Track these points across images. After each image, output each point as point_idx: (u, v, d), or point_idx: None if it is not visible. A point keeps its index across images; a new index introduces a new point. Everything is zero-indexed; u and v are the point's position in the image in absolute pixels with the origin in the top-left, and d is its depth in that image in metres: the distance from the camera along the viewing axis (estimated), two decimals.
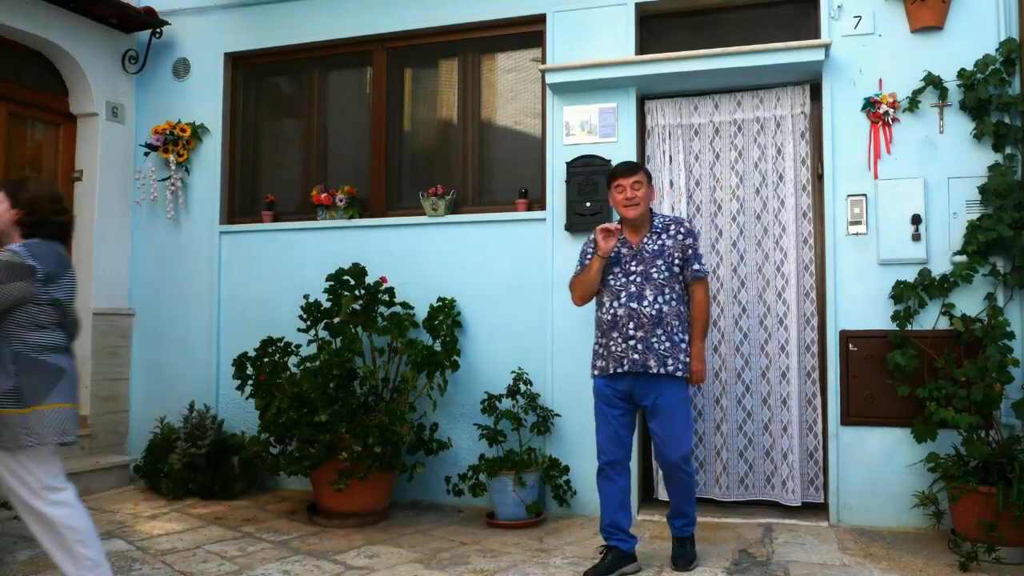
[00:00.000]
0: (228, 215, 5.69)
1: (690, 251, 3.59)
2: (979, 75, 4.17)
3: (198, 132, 5.68)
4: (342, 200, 5.31)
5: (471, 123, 5.27)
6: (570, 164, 4.75)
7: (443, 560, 3.81)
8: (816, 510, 4.47)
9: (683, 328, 3.55)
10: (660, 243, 3.58)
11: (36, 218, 2.96)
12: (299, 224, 5.44)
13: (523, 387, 4.66)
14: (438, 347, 4.72)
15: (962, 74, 4.20)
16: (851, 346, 4.35)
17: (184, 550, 3.96)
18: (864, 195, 4.37)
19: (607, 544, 3.58)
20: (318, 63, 5.65)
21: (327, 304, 4.80)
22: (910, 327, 4.23)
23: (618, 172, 3.63)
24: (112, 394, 5.62)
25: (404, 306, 4.92)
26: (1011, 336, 3.99)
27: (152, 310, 5.75)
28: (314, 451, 4.31)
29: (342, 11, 5.41)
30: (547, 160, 4.91)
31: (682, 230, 3.61)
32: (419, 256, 5.11)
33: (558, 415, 4.70)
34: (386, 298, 4.86)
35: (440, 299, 4.92)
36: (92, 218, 5.55)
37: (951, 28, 4.31)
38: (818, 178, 4.56)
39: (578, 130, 4.83)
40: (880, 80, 4.40)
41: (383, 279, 4.87)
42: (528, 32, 5.11)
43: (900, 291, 4.22)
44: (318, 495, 4.55)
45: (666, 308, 3.50)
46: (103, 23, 5.59)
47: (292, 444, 4.49)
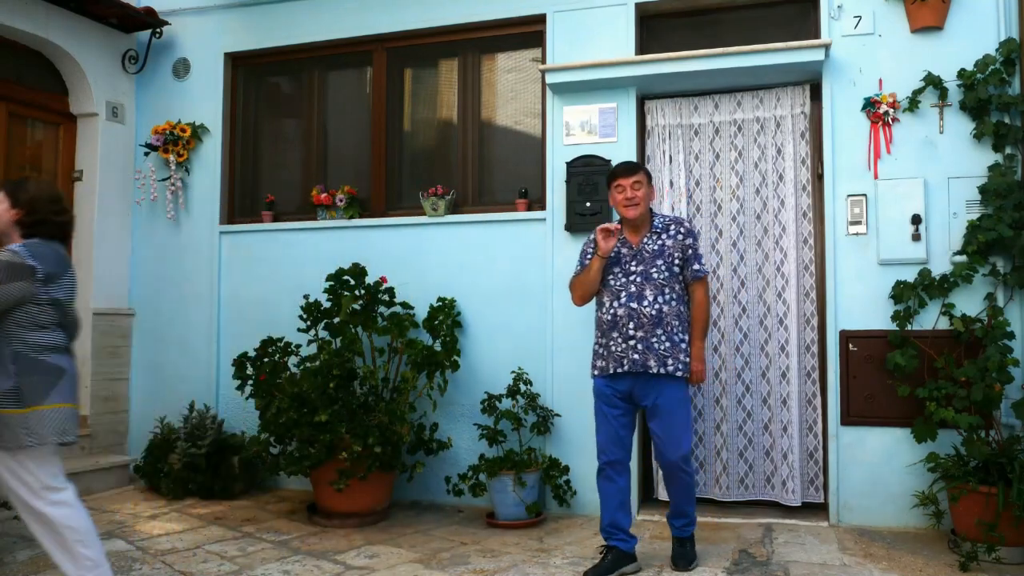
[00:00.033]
0: (228, 215, 5.69)
1: (690, 251, 3.59)
2: (979, 75, 4.17)
3: (198, 132, 5.68)
4: (342, 200, 5.31)
5: (471, 123, 5.27)
6: (570, 164, 4.75)
7: (443, 560, 3.81)
8: (816, 510, 4.47)
9: (683, 328, 3.55)
10: (660, 243, 3.58)
11: (36, 218, 2.96)
12: (299, 224, 5.44)
13: (523, 387, 4.66)
14: (438, 347, 4.72)
15: (962, 74, 4.20)
16: (851, 346, 4.35)
17: (184, 550, 3.96)
18: (864, 195, 4.37)
19: (607, 544, 3.58)
20: (318, 63, 5.65)
21: (327, 304, 4.80)
22: (910, 327, 4.23)
23: (618, 172, 3.63)
24: (112, 394, 5.62)
25: (404, 306, 4.92)
26: (1011, 336, 3.99)
27: (152, 310, 5.76)
28: (314, 451, 4.31)
29: (342, 11, 5.41)
30: (547, 160, 4.91)
31: (682, 230, 3.61)
32: (419, 256, 5.11)
33: (558, 415, 4.70)
34: (386, 298, 4.86)
35: (440, 299, 4.92)
36: (92, 218, 5.55)
37: (951, 28, 4.31)
38: (818, 178, 4.56)
39: (578, 130, 4.83)
40: (880, 80, 4.40)
41: (383, 279, 4.87)
42: (528, 32, 5.12)
43: (900, 291, 4.22)
44: (318, 495, 4.55)
45: (666, 308, 3.50)
46: (103, 23, 5.59)
47: (292, 444, 4.49)
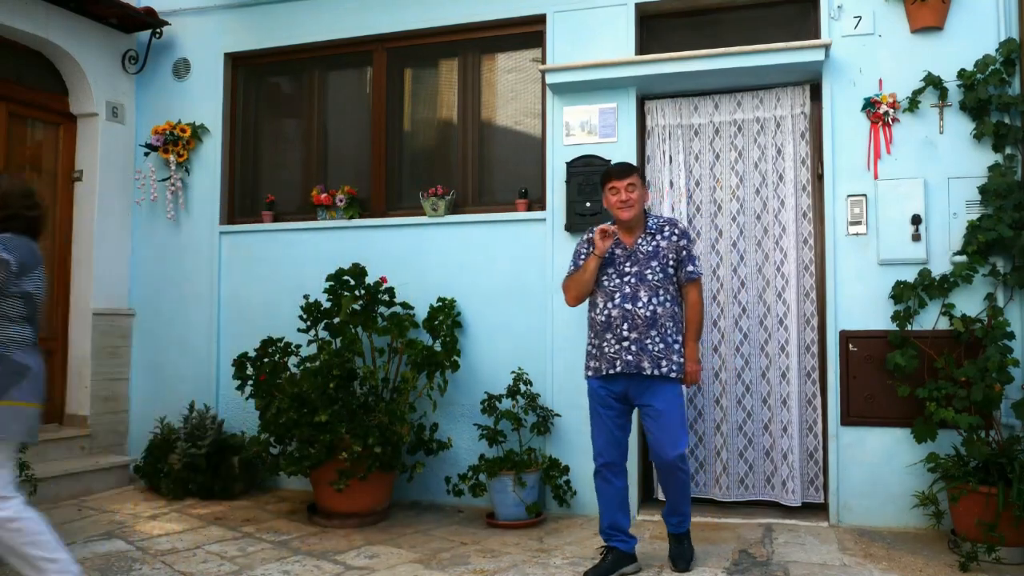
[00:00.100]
0: (228, 215, 5.69)
1: (684, 252, 3.58)
2: (979, 75, 4.17)
3: (198, 132, 5.68)
4: (342, 200, 5.31)
5: (471, 123, 5.27)
6: (570, 164, 4.75)
7: (443, 560, 3.81)
8: (816, 510, 4.47)
9: (677, 329, 3.55)
10: (655, 244, 3.57)
11: (8, 213, 2.99)
12: (299, 224, 5.44)
13: (523, 387, 4.66)
14: (438, 347, 4.72)
15: (962, 74, 4.20)
16: (851, 346, 4.35)
17: (184, 550, 3.96)
18: (864, 195, 4.37)
19: (607, 545, 3.58)
20: (318, 63, 5.65)
21: (327, 304, 4.80)
22: (910, 327, 4.23)
23: (612, 174, 3.61)
24: (112, 394, 5.62)
25: (404, 306, 4.92)
26: (1011, 336, 3.99)
27: (152, 310, 5.75)
28: (314, 451, 4.31)
29: (342, 11, 5.41)
30: (547, 160, 4.91)
31: (676, 231, 3.60)
32: (419, 256, 5.11)
33: (558, 415, 4.70)
34: (386, 298, 4.86)
35: (440, 299, 4.92)
36: (92, 218, 5.55)
37: (951, 28, 4.31)
38: (818, 178, 4.56)
39: (578, 130, 4.83)
40: (880, 80, 4.40)
41: (383, 279, 4.87)
42: (528, 32, 5.12)
43: (900, 291, 4.22)
44: (318, 495, 4.55)
45: (660, 309, 3.49)
46: (103, 23, 5.59)
47: (292, 444, 4.49)
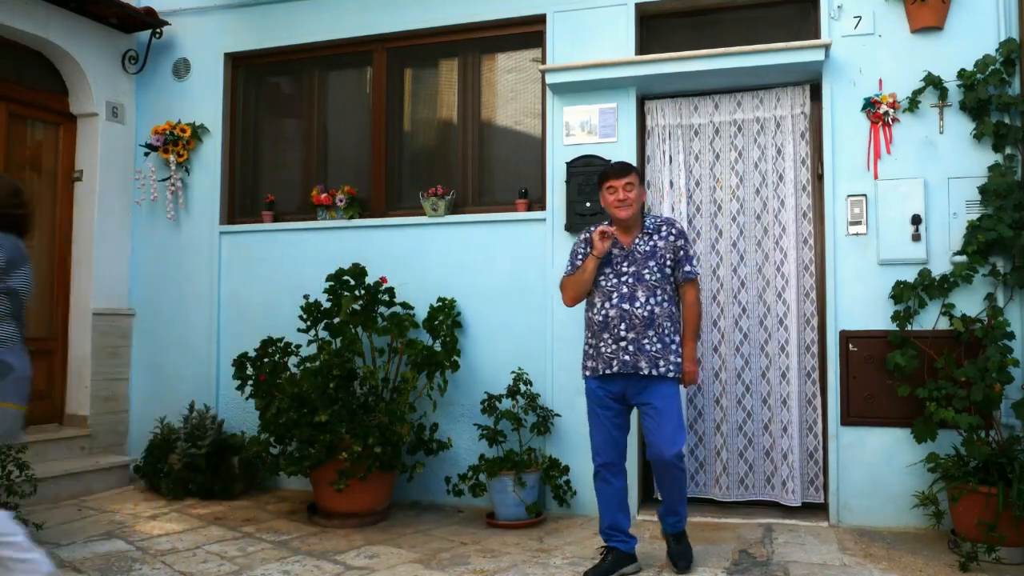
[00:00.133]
0: (228, 215, 5.69)
1: (681, 252, 3.57)
2: (979, 75, 4.17)
3: (198, 132, 5.68)
4: (342, 200, 5.31)
5: (471, 123, 5.27)
6: (570, 164, 4.75)
7: (443, 560, 3.81)
8: (816, 510, 4.47)
9: (675, 329, 3.54)
10: (652, 244, 3.56)
11: None
12: (299, 224, 5.44)
13: (523, 387, 4.66)
14: (438, 347, 4.72)
15: (962, 74, 4.20)
16: (851, 346, 4.35)
17: (184, 550, 3.96)
18: (864, 195, 4.37)
19: (607, 545, 3.58)
20: (318, 63, 5.65)
21: (327, 304, 4.80)
22: (910, 327, 4.23)
23: (609, 173, 3.60)
24: (112, 394, 5.62)
25: (404, 306, 4.92)
26: (1011, 336, 3.99)
27: (152, 310, 5.76)
28: (314, 451, 4.31)
29: (342, 11, 5.41)
30: (547, 160, 4.91)
31: (673, 231, 3.59)
32: (419, 256, 5.11)
33: (558, 415, 4.70)
34: (386, 298, 4.86)
35: (440, 299, 4.92)
36: (92, 218, 5.55)
37: (951, 28, 4.31)
38: (818, 178, 4.56)
39: (578, 130, 4.83)
40: (880, 80, 4.40)
41: (383, 279, 4.87)
42: (528, 32, 5.12)
43: (900, 291, 4.22)
44: (318, 495, 4.55)
45: (658, 309, 3.48)
46: (103, 23, 5.59)
47: (292, 444, 4.49)
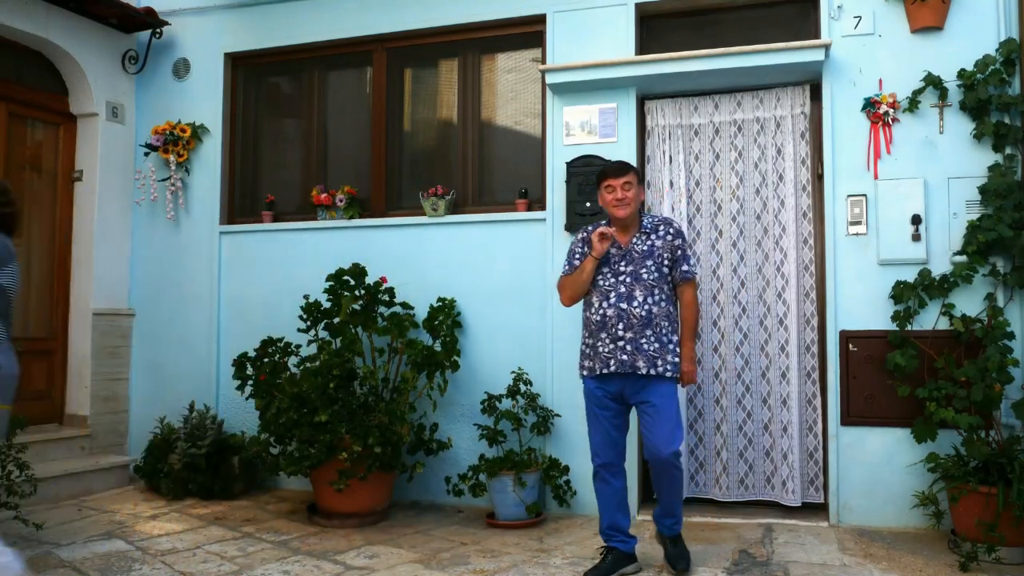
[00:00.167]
0: (228, 215, 5.69)
1: (679, 252, 3.56)
2: (979, 75, 4.17)
3: (198, 132, 5.68)
4: (342, 200, 5.31)
5: (471, 123, 5.27)
6: (570, 164, 4.75)
7: (443, 560, 3.81)
8: (816, 510, 4.47)
9: (672, 329, 3.53)
10: (649, 243, 3.55)
11: None
12: (299, 224, 5.44)
13: (523, 387, 4.66)
14: (438, 347, 4.72)
15: (962, 74, 4.20)
16: (851, 346, 4.35)
17: (184, 550, 3.96)
18: (864, 195, 4.37)
19: (607, 545, 3.58)
20: (318, 63, 5.65)
21: (327, 304, 4.80)
22: (910, 327, 4.23)
23: (608, 172, 3.59)
24: (112, 394, 5.62)
25: (404, 306, 4.92)
26: (1011, 336, 3.99)
27: (152, 310, 5.76)
28: (314, 451, 4.31)
29: (342, 11, 5.41)
30: (547, 160, 4.91)
31: (671, 231, 3.58)
32: (419, 256, 5.11)
33: (558, 415, 4.70)
34: (386, 298, 4.86)
35: (440, 299, 4.92)
36: (92, 218, 5.56)
37: (951, 28, 4.31)
38: (818, 178, 4.56)
39: (578, 130, 4.83)
40: (880, 80, 4.40)
41: (383, 279, 4.87)
42: (528, 32, 5.12)
43: (900, 291, 4.22)
44: (318, 495, 4.55)
45: (655, 309, 3.47)
46: (103, 23, 5.59)
47: (292, 444, 4.49)
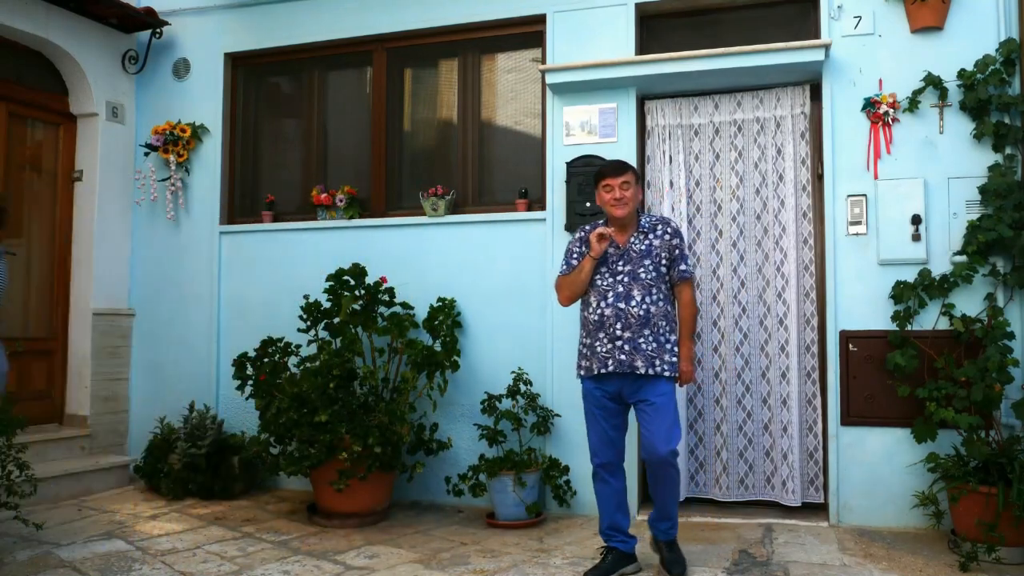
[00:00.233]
0: (228, 215, 5.69)
1: (677, 251, 3.56)
2: (979, 75, 4.17)
3: (198, 132, 5.68)
4: (342, 200, 5.31)
5: (471, 123, 5.27)
6: (570, 164, 4.75)
7: (443, 560, 3.81)
8: (816, 510, 4.47)
9: (671, 328, 3.53)
10: (647, 243, 3.55)
11: None
12: (299, 224, 5.44)
13: (523, 387, 4.66)
14: (438, 347, 4.72)
15: (962, 74, 4.20)
16: (851, 346, 4.35)
17: (184, 550, 3.96)
18: (864, 195, 4.37)
19: (607, 545, 3.58)
20: (318, 63, 5.65)
21: (327, 304, 4.80)
22: (910, 327, 4.23)
23: (606, 172, 3.58)
24: (112, 394, 5.62)
25: (404, 306, 4.92)
26: (1011, 336, 3.99)
27: (152, 310, 5.76)
28: (314, 451, 4.31)
29: (342, 11, 5.41)
30: (547, 160, 4.91)
31: (669, 230, 3.58)
32: (419, 256, 5.11)
33: (558, 415, 4.70)
34: (386, 298, 4.86)
35: (440, 299, 4.92)
36: (92, 218, 5.56)
37: (951, 28, 4.31)
38: (818, 178, 4.56)
39: (578, 130, 4.83)
40: (880, 80, 4.40)
41: (383, 279, 4.87)
42: (528, 32, 5.12)
43: (900, 291, 4.22)
44: (318, 495, 4.55)
45: (653, 308, 3.46)
46: (103, 23, 5.60)
47: (292, 444, 4.49)
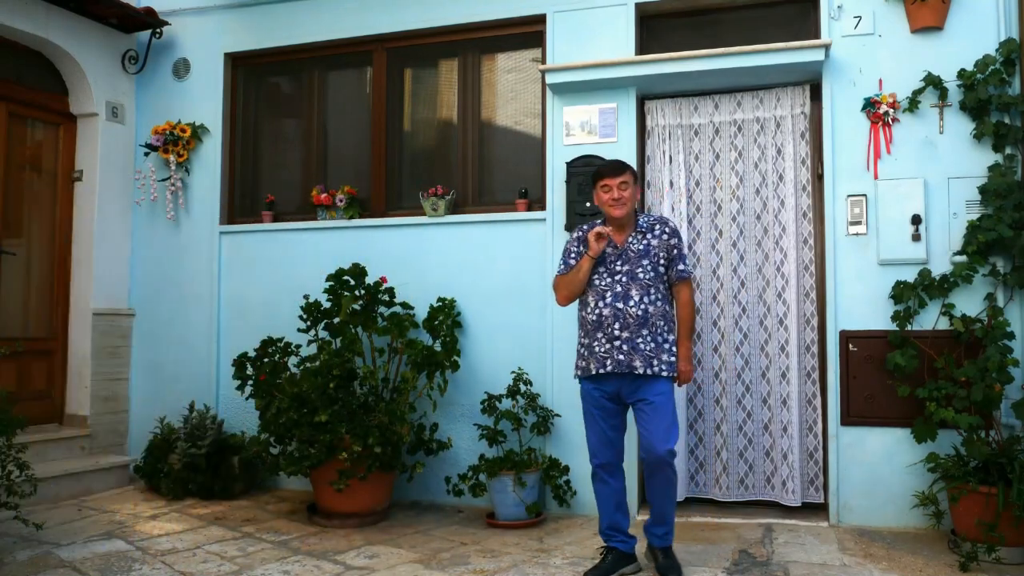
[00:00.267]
0: (228, 215, 5.69)
1: (675, 251, 3.56)
2: (979, 75, 4.17)
3: (198, 132, 5.68)
4: (342, 200, 5.31)
5: (471, 123, 5.27)
6: (570, 164, 4.75)
7: (443, 560, 3.81)
8: (816, 510, 4.47)
9: (669, 328, 3.52)
10: (645, 243, 3.55)
11: None
12: (299, 224, 5.44)
13: (523, 387, 4.66)
14: (438, 347, 4.72)
15: (962, 74, 4.20)
16: (851, 346, 4.35)
17: (184, 550, 3.96)
18: (864, 195, 4.37)
19: (607, 545, 3.58)
20: (318, 63, 5.65)
21: (327, 304, 4.80)
22: (910, 327, 4.23)
23: (604, 172, 3.58)
24: (112, 394, 5.62)
25: (404, 306, 4.92)
26: (1011, 336, 3.99)
27: (152, 310, 5.76)
28: (314, 451, 4.31)
29: (342, 11, 5.41)
30: (547, 160, 4.91)
31: (667, 230, 3.58)
32: (419, 256, 5.11)
33: (558, 415, 4.70)
34: (386, 298, 4.86)
35: (440, 299, 4.92)
36: (92, 218, 5.55)
37: (951, 28, 4.31)
38: (818, 178, 4.56)
39: (578, 130, 4.83)
40: (880, 80, 4.40)
41: (383, 279, 4.87)
42: (528, 32, 5.12)
43: (900, 291, 4.22)
44: (318, 495, 4.55)
45: (652, 308, 3.46)
46: (103, 23, 5.59)
47: (292, 444, 4.49)
